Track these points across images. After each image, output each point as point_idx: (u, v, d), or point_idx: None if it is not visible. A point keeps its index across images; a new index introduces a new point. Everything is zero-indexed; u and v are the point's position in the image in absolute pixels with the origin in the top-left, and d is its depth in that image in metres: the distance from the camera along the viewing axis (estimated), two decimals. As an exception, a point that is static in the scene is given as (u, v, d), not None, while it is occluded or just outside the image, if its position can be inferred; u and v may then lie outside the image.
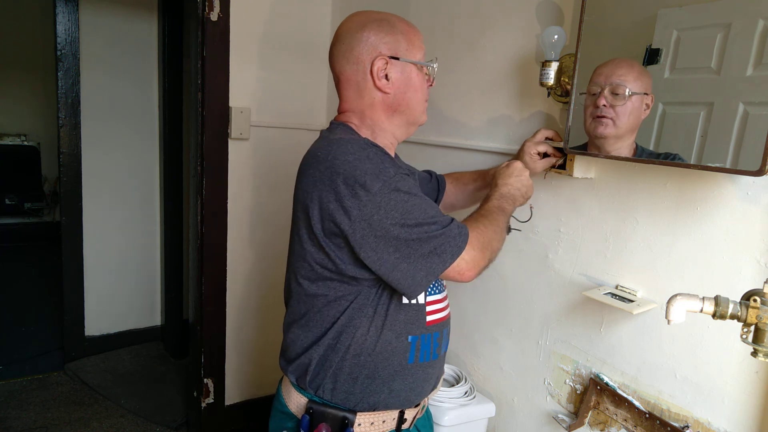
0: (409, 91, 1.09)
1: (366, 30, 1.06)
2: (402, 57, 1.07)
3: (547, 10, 1.45)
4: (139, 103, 3.07)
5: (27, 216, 5.21)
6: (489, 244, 1.05)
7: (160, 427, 2.46)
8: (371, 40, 1.06)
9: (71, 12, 2.75)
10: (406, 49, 1.08)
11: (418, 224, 0.96)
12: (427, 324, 1.11)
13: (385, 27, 1.07)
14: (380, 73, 1.06)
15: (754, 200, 1.05)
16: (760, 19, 0.99)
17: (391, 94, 1.08)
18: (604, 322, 1.34)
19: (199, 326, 2.22)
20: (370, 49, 1.06)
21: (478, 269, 1.03)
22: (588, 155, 1.26)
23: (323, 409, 1.08)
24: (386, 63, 1.06)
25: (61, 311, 3.00)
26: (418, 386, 1.12)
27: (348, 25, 1.10)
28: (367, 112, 1.10)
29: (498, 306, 1.63)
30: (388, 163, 0.99)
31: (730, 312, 0.83)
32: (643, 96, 1.15)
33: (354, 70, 1.08)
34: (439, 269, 0.98)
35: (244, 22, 2.10)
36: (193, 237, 2.21)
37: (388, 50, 1.06)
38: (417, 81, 1.10)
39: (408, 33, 1.09)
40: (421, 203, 0.99)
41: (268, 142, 2.23)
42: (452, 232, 0.99)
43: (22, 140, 5.20)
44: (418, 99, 1.12)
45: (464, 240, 1.00)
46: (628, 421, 1.27)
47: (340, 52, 1.09)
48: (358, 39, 1.06)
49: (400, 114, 1.11)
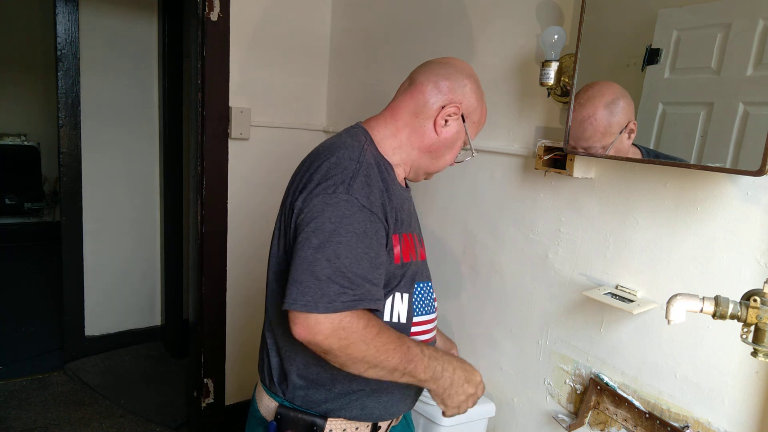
0: (447, 148, 1.12)
1: (469, 80, 1.10)
2: (467, 123, 1.11)
3: (547, 10, 1.45)
4: (139, 103, 3.07)
5: (27, 216, 5.21)
6: (347, 347, 0.89)
7: (160, 427, 2.46)
8: (466, 89, 1.09)
9: (71, 12, 2.75)
10: (473, 122, 1.12)
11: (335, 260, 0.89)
12: None
13: (479, 93, 1.12)
14: (446, 116, 1.08)
15: (754, 200, 1.05)
16: (760, 19, 0.99)
17: (437, 138, 1.10)
18: (604, 322, 1.34)
19: (199, 326, 2.22)
20: (458, 94, 1.08)
21: (315, 339, 0.88)
22: (588, 155, 1.26)
23: (292, 414, 1.04)
24: (457, 114, 1.09)
25: (61, 311, 3.00)
26: (393, 406, 1.10)
27: (457, 63, 1.13)
28: (404, 131, 1.09)
29: (498, 306, 1.63)
30: (369, 186, 0.96)
31: (730, 312, 0.83)
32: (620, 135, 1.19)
33: (431, 94, 1.07)
34: (301, 301, 0.88)
35: (244, 22, 2.10)
36: (193, 237, 2.21)
37: (466, 108, 1.10)
38: (456, 148, 1.14)
39: (482, 113, 1.15)
40: (352, 246, 0.90)
41: (268, 142, 2.23)
42: (337, 288, 0.88)
43: (22, 140, 5.20)
44: (446, 160, 1.15)
45: (335, 307, 0.87)
46: (628, 421, 1.27)
47: (436, 71, 1.09)
48: (459, 79, 1.09)
49: (429, 159, 1.13)
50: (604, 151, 1.21)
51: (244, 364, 2.37)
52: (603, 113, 1.21)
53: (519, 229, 1.55)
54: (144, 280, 3.24)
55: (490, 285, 1.65)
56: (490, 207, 1.64)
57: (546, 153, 1.37)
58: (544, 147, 1.38)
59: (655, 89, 1.15)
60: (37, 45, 5.05)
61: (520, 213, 1.55)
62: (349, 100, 2.28)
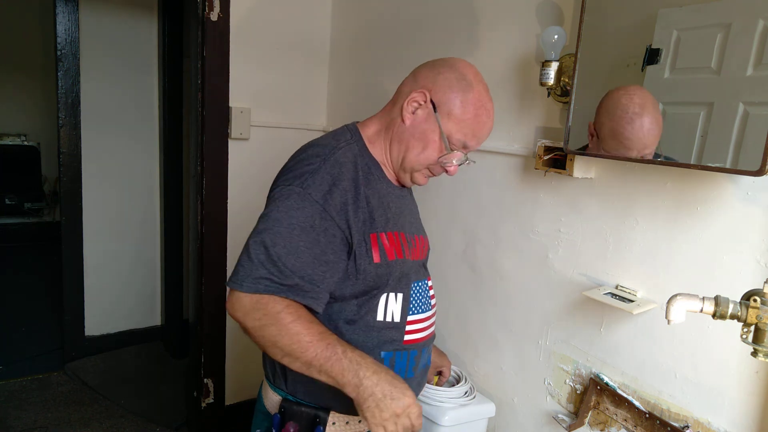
0: (416, 140, 1.04)
1: (448, 70, 1.03)
2: (438, 113, 1.01)
3: (547, 10, 1.45)
4: (139, 103, 3.07)
5: (27, 216, 5.21)
6: (261, 328, 0.93)
7: (160, 427, 2.46)
8: (439, 77, 1.02)
9: (71, 12, 2.75)
10: (448, 114, 1.02)
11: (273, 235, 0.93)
12: (404, 342, 1.09)
13: (461, 85, 1.02)
14: (412, 102, 1.03)
15: (754, 200, 1.05)
16: (760, 19, 0.99)
17: (404, 126, 1.04)
18: (604, 322, 1.34)
19: (199, 326, 2.22)
20: (430, 82, 1.03)
21: (235, 315, 0.95)
22: (588, 155, 1.26)
23: (295, 407, 1.06)
24: (424, 101, 1.02)
25: (61, 311, 3.00)
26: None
27: (448, 58, 1.07)
28: (386, 124, 1.09)
29: (498, 306, 1.63)
30: (329, 184, 0.96)
31: (730, 312, 0.83)
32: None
33: (409, 83, 1.06)
34: (232, 278, 0.94)
35: (244, 22, 2.10)
36: (193, 237, 2.21)
37: (438, 96, 1.01)
38: (430, 143, 1.04)
39: (468, 110, 1.02)
40: (292, 239, 0.93)
41: (268, 142, 2.23)
42: (264, 272, 0.92)
43: (22, 140, 5.20)
44: (418, 155, 1.05)
45: (257, 288, 0.92)
46: (628, 421, 1.27)
47: (419, 66, 1.08)
48: (435, 69, 1.04)
49: (397, 149, 1.07)
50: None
51: (244, 364, 2.37)
52: (659, 117, 1.14)
53: (519, 229, 1.55)
54: (144, 280, 3.24)
55: (490, 285, 1.65)
56: (491, 207, 1.64)
57: (546, 153, 1.37)
58: (544, 147, 1.38)
59: (655, 89, 1.15)
60: (37, 45, 5.05)
61: (520, 213, 1.55)
62: (349, 100, 2.28)
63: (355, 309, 1.04)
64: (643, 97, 1.14)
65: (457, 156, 1.06)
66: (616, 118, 1.15)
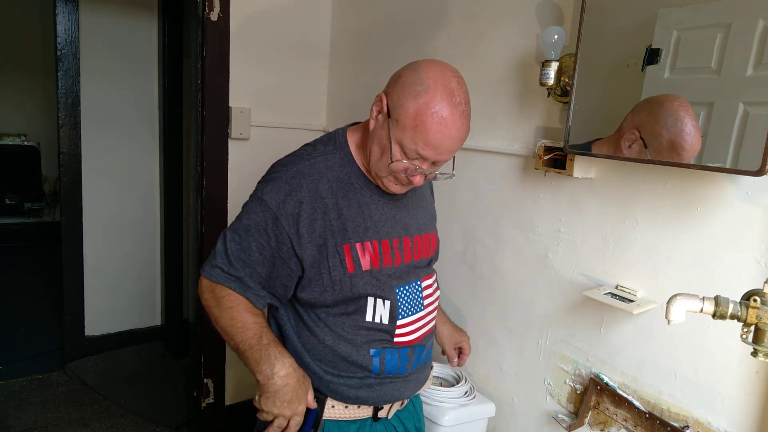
0: (374, 144, 1.02)
1: (410, 74, 0.97)
2: (392, 118, 0.97)
3: (547, 10, 1.45)
4: (139, 103, 3.06)
5: (27, 216, 5.21)
6: (209, 308, 1.09)
7: (160, 427, 2.46)
8: (399, 81, 0.98)
9: (71, 12, 2.75)
10: (397, 120, 0.96)
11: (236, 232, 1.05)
12: (394, 343, 1.11)
13: (417, 90, 0.94)
14: (375, 106, 1.01)
15: (754, 200, 1.05)
16: (760, 19, 0.99)
17: (369, 130, 1.03)
18: (604, 322, 1.34)
19: (199, 326, 2.22)
20: (390, 86, 1.00)
21: (198, 293, 1.13)
22: (588, 155, 1.26)
23: None
24: (381, 105, 0.99)
25: (61, 311, 3.00)
26: (386, 395, 1.13)
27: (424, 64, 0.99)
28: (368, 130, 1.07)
29: (498, 306, 1.63)
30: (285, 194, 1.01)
31: (730, 312, 0.83)
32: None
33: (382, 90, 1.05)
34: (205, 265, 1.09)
35: (244, 22, 2.10)
36: (193, 237, 2.21)
37: (392, 101, 0.97)
38: (384, 150, 0.99)
39: (421, 119, 0.93)
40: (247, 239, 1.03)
41: (268, 142, 2.23)
42: (219, 261, 1.05)
43: (22, 140, 5.20)
44: (376, 161, 1.02)
45: (210, 274, 1.07)
46: (628, 421, 1.27)
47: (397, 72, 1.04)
48: (402, 72, 1.00)
49: (365, 152, 1.06)
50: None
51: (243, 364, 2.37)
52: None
53: (519, 229, 1.55)
54: (144, 280, 3.23)
55: (491, 285, 1.65)
56: (491, 207, 1.64)
57: (546, 153, 1.37)
58: (544, 147, 1.38)
59: (655, 89, 1.15)
60: (37, 45, 5.05)
61: (520, 213, 1.55)
62: (349, 100, 2.28)
63: (343, 309, 1.06)
64: (690, 108, 1.12)
65: (404, 167, 0.98)
66: (676, 131, 1.13)
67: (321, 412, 1.08)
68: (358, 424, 1.12)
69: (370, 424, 1.14)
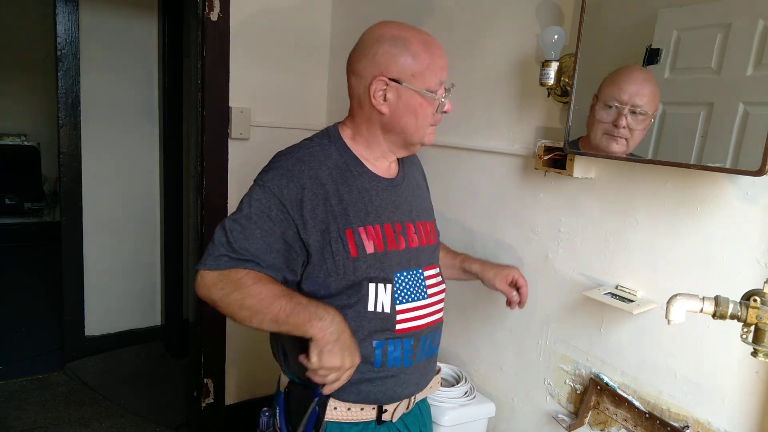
0: (406, 116, 1.06)
1: (376, 45, 1.04)
2: (405, 82, 1.04)
3: (547, 10, 1.45)
4: (139, 103, 3.06)
5: (27, 216, 5.21)
6: (227, 296, 1.00)
7: (160, 427, 2.46)
8: (378, 57, 1.04)
9: (71, 12, 2.75)
10: (412, 75, 1.03)
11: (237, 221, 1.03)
12: (396, 331, 1.09)
13: (398, 46, 1.03)
14: (377, 94, 1.05)
15: (754, 200, 1.05)
16: (760, 19, 0.99)
17: (387, 115, 1.07)
18: (604, 322, 1.34)
19: (199, 326, 2.22)
20: (374, 66, 1.04)
21: (200, 292, 1.04)
22: (588, 155, 1.26)
23: (299, 389, 1.10)
24: (386, 85, 1.04)
25: (61, 311, 3.00)
26: (389, 390, 1.11)
27: (365, 35, 1.10)
28: (364, 124, 1.11)
29: (498, 306, 1.63)
30: (287, 180, 1.03)
31: (730, 312, 0.83)
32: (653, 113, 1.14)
33: (357, 83, 1.09)
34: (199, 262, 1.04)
35: (244, 22, 2.10)
36: (193, 237, 2.21)
37: (391, 71, 1.03)
38: (419, 108, 1.06)
39: (421, 56, 1.03)
40: (250, 226, 1.02)
41: (268, 142, 2.23)
42: (224, 251, 1.01)
43: (22, 140, 5.20)
44: (416, 125, 1.08)
45: (218, 265, 1.01)
46: (628, 421, 1.27)
47: (350, 61, 1.12)
48: (367, 53, 1.06)
49: (395, 134, 1.10)
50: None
51: (244, 364, 2.37)
52: (656, 88, 1.15)
53: (519, 229, 1.55)
54: (144, 280, 3.23)
55: (490, 285, 1.65)
56: (490, 207, 1.64)
57: (546, 153, 1.37)
58: (544, 147, 1.38)
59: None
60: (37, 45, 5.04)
61: (520, 213, 1.55)
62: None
63: (346, 300, 1.06)
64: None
65: (443, 95, 1.09)
66: (619, 70, 1.18)
67: (322, 414, 1.07)
68: (360, 426, 1.11)
69: (373, 427, 1.12)
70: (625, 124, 1.14)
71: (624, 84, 1.14)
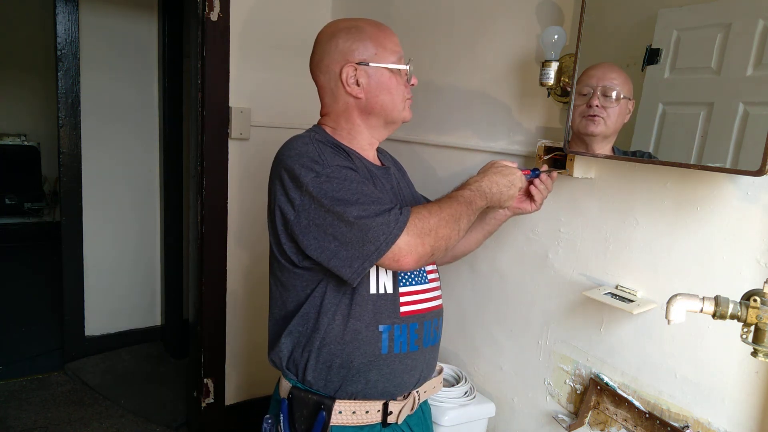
0: (381, 94, 1.12)
1: (334, 39, 1.12)
2: (371, 62, 1.11)
3: (547, 10, 1.45)
4: (139, 103, 3.07)
5: (27, 216, 5.21)
6: (432, 231, 0.99)
7: (160, 427, 2.46)
8: (339, 48, 1.11)
9: (71, 12, 2.75)
10: (375, 54, 1.11)
11: (349, 205, 0.97)
12: (401, 314, 1.10)
13: (354, 34, 1.11)
14: (349, 80, 1.11)
15: (754, 200, 1.05)
16: (760, 19, 0.99)
17: (363, 99, 1.12)
18: (604, 322, 1.34)
19: (199, 326, 2.22)
20: (339, 57, 1.11)
21: (416, 256, 0.97)
22: (588, 155, 1.26)
23: (302, 394, 1.10)
24: (355, 70, 1.10)
25: (61, 311, 3.00)
26: (396, 378, 1.11)
27: (320, 36, 1.17)
28: (342, 116, 1.16)
29: (498, 306, 1.63)
30: (328, 156, 1.04)
31: (730, 312, 0.83)
32: (628, 100, 1.19)
33: (327, 79, 1.15)
34: (374, 256, 0.96)
35: (244, 22, 2.10)
36: (193, 237, 2.21)
37: (356, 57, 1.10)
38: (391, 83, 1.13)
39: (377, 37, 1.12)
40: (357, 187, 1.00)
41: (268, 142, 2.23)
42: (387, 218, 0.96)
43: (22, 140, 5.20)
44: (393, 100, 1.14)
45: (400, 226, 0.96)
46: (628, 421, 1.27)
47: (314, 63, 1.18)
48: (328, 49, 1.13)
49: (375, 116, 1.15)
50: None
51: (244, 364, 2.37)
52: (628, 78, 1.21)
53: (519, 229, 1.55)
54: (144, 280, 3.24)
55: (490, 285, 1.65)
56: (490, 207, 1.64)
57: (546, 153, 1.37)
58: (544, 147, 1.38)
59: (655, 89, 1.15)
60: (37, 45, 5.05)
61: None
62: (349, 100, 2.27)
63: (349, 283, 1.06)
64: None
65: (407, 68, 1.14)
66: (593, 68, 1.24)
67: (328, 419, 1.07)
68: (366, 430, 1.11)
69: (378, 429, 1.12)
70: (597, 103, 1.20)
71: (591, 71, 1.23)
